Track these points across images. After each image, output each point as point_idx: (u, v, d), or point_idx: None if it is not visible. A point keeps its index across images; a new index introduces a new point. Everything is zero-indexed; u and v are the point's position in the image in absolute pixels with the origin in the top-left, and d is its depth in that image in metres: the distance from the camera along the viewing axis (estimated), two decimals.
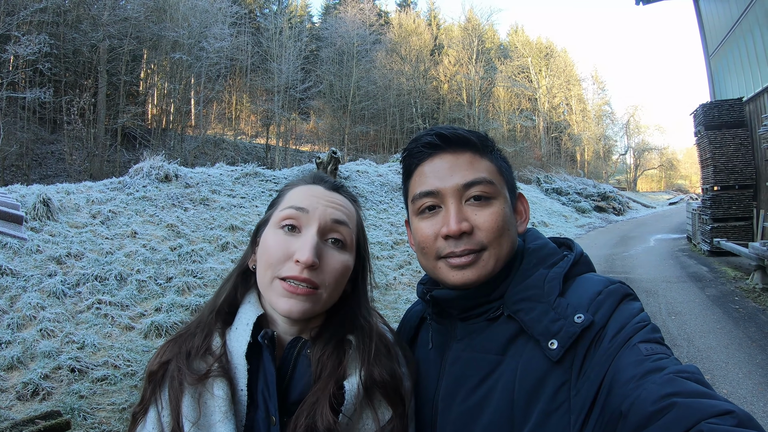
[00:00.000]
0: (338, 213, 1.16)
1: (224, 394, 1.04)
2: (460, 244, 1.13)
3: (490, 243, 1.13)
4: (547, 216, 27.70)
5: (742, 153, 15.58)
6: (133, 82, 33.80)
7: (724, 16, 17.43)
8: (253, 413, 1.06)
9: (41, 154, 26.96)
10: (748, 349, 6.91)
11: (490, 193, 1.15)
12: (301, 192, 1.18)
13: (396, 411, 1.11)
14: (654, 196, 62.78)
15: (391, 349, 1.20)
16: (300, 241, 1.10)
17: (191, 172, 16.19)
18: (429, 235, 1.17)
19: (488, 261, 1.13)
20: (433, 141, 1.20)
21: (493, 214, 1.14)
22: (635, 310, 1.02)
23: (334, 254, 1.13)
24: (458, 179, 1.15)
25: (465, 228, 1.12)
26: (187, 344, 1.12)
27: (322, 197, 1.17)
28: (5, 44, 24.29)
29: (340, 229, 1.15)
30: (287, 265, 1.09)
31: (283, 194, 1.22)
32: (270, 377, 1.07)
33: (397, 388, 1.13)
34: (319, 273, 1.09)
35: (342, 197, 1.22)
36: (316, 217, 1.13)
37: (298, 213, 1.13)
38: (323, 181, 1.23)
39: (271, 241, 1.12)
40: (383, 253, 13.61)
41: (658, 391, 0.80)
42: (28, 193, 11.40)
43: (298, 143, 44.99)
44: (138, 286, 8.91)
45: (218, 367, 1.07)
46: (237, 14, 39.35)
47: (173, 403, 1.04)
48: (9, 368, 6.29)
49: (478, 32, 51.23)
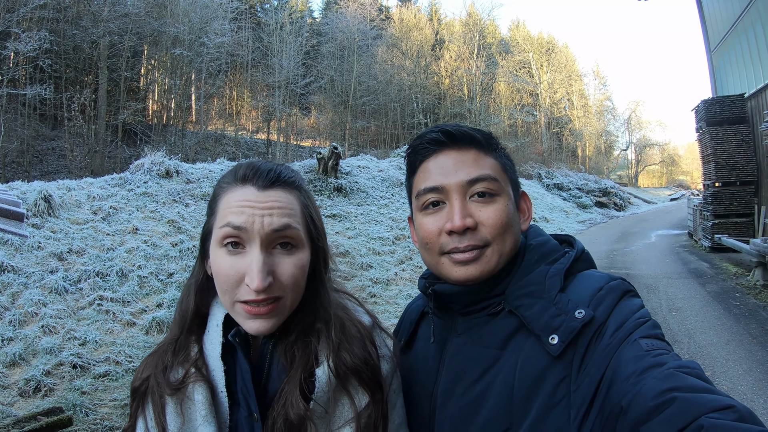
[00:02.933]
0: (277, 220, 1.07)
1: (203, 398, 1.04)
2: (463, 239, 1.12)
3: (493, 239, 1.13)
4: (548, 211, 27.68)
5: (743, 149, 15.56)
6: (133, 78, 33.78)
7: (726, 11, 17.38)
8: (236, 413, 1.06)
9: (42, 151, 26.98)
10: (749, 346, 6.92)
11: (494, 189, 1.15)
12: (233, 201, 1.09)
13: (373, 396, 1.09)
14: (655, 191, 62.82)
15: (365, 333, 1.17)
16: (246, 263, 1.04)
17: (192, 168, 16.18)
18: (433, 231, 1.17)
19: (491, 257, 1.13)
20: (439, 138, 1.20)
21: (497, 211, 1.14)
22: (636, 306, 1.02)
23: (285, 260, 1.08)
24: (463, 175, 1.15)
25: (469, 224, 1.12)
26: (163, 359, 1.11)
27: (256, 204, 1.07)
28: (5, 41, 24.29)
29: (285, 233, 1.08)
30: (242, 289, 1.05)
31: (217, 199, 1.13)
32: (246, 375, 1.07)
33: (373, 373, 1.11)
34: (276, 284, 1.05)
35: (278, 192, 1.11)
36: (255, 233, 1.05)
37: (237, 232, 1.05)
38: (255, 176, 1.11)
39: (219, 264, 1.07)
40: (384, 248, 13.62)
41: (658, 386, 0.81)
42: (29, 189, 11.43)
43: (299, 138, 44.92)
44: (139, 282, 8.93)
45: (195, 371, 1.07)
46: (237, 9, 39.24)
47: (157, 417, 1.04)
48: (11, 365, 6.32)
49: (479, 27, 51.27)
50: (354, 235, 14.23)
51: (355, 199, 17.84)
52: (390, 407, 1.13)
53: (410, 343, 1.34)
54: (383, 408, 1.10)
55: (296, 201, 1.14)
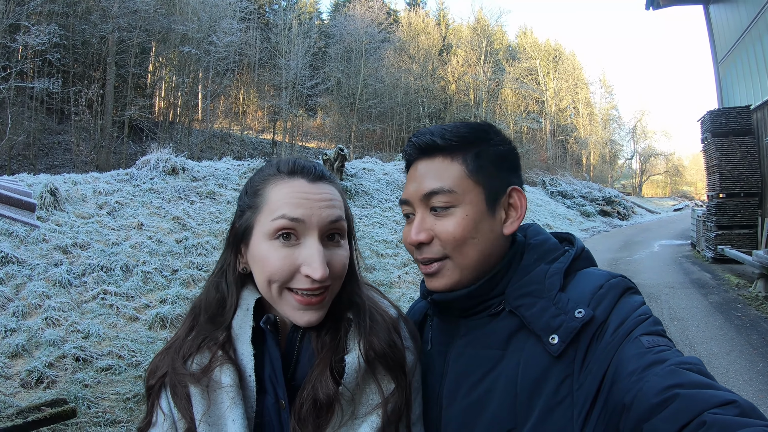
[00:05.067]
0: (334, 212, 1.10)
1: (231, 380, 1.04)
2: (421, 252, 1.15)
3: (450, 253, 1.13)
4: (551, 219, 27.65)
5: (748, 161, 15.49)
6: (141, 75, 33.73)
7: (734, 23, 17.32)
8: (263, 399, 1.06)
9: (48, 144, 27.00)
10: (750, 357, 6.90)
11: (449, 202, 1.13)
12: (286, 193, 1.08)
13: (398, 383, 1.10)
14: (659, 201, 62.59)
15: (391, 322, 1.18)
16: (304, 253, 1.05)
17: (198, 166, 16.19)
18: (407, 241, 1.19)
19: (453, 271, 1.13)
20: (408, 149, 1.22)
21: (452, 225, 1.12)
22: (636, 303, 1.02)
23: (336, 252, 1.10)
24: (423, 188, 1.15)
25: (422, 239, 1.13)
26: (183, 350, 1.11)
27: (313, 197, 1.08)
28: (15, 34, 24.34)
29: (337, 225, 1.10)
30: (296, 278, 1.05)
31: (261, 192, 1.11)
32: (276, 362, 1.07)
33: (399, 359, 1.13)
34: (330, 274, 1.06)
35: (328, 186, 1.13)
36: (315, 225, 1.06)
37: (294, 224, 1.05)
38: (303, 170, 1.12)
39: (269, 254, 1.06)
40: (388, 251, 13.60)
41: (660, 382, 0.81)
42: (35, 182, 11.44)
43: (304, 140, 44.86)
44: (143, 278, 8.94)
45: (222, 354, 1.07)
46: (246, 9, 39.25)
47: (183, 408, 1.04)
48: (14, 356, 6.34)
49: (487, 33, 51.29)
50: (358, 237, 14.13)
51: (359, 202, 17.83)
52: (413, 396, 1.15)
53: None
54: (407, 395, 1.11)
55: (339, 194, 1.16)
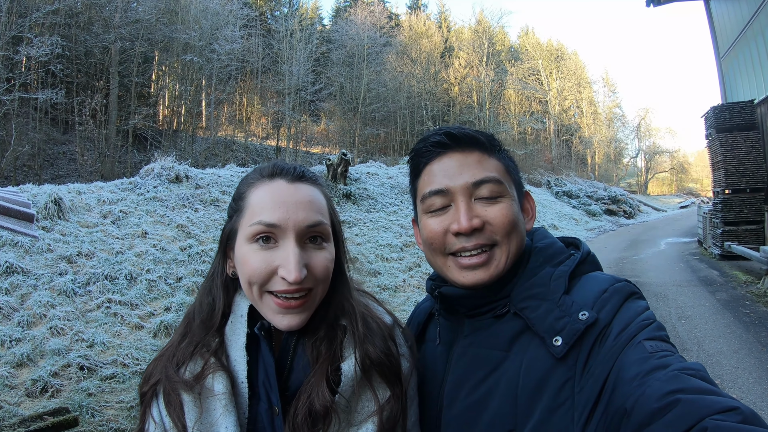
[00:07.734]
0: (311, 215, 1.10)
1: (224, 387, 1.04)
2: (471, 239, 1.13)
3: (501, 239, 1.14)
4: (557, 219, 27.57)
5: (753, 156, 15.42)
6: (144, 84, 34.04)
7: (735, 17, 17.32)
8: (256, 405, 1.06)
9: (53, 155, 27.21)
10: (759, 354, 6.85)
11: (499, 191, 1.16)
12: (264, 196, 1.09)
13: (393, 391, 1.10)
14: (665, 199, 62.35)
15: (386, 329, 1.18)
16: (281, 256, 1.06)
17: (202, 173, 16.27)
18: (438, 231, 1.17)
19: (500, 259, 1.14)
20: (442, 140, 1.21)
21: (504, 210, 1.15)
22: (640, 308, 1.02)
23: (318, 254, 1.10)
24: (468, 177, 1.16)
25: (476, 224, 1.13)
26: (176, 357, 1.10)
27: (289, 199, 1.09)
28: (18, 45, 24.58)
29: (317, 229, 1.10)
30: (274, 280, 1.06)
31: (244, 196, 1.13)
32: (269, 368, 1.07)
33: (394, 367, 1.12)
34: (310, 276, 1.07)
35: (307, 186, 1.14)
36: (291, 228, 1.06)
37: (270, 229, 1.06)
38: (283, 171, 1.14)
39: (248, 256, 1.07)
40: (393, 255, 13.60)
41: (662, 388, 0.81)
42: (40, 192, 11.52)
43: (308, 145, 45.11)
44: (148, 286, 8.96)
45: (215, 361, 1.07)
46: (248, 16, 39.60)
47: (174, 415, 1.03)
48: (19, 365, 6.36)
49: (489, 34, 51.39)
50: (362, 242, 14.22)
51: (363, 206, 17.86)
52: (408, 404, 1.14)
53: (418, 345, 1.34)
54: (403, 403, 1.11)
55: (322, 196, 1.17)
